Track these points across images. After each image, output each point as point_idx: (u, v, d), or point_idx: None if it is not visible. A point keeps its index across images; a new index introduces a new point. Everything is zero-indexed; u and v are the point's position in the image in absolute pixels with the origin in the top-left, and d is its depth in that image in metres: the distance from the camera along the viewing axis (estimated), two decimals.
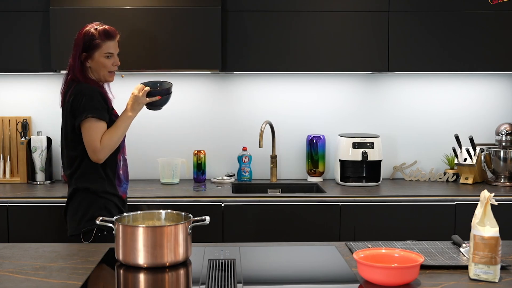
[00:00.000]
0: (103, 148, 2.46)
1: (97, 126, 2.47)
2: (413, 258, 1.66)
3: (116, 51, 2.61)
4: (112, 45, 2.58)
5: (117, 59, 2.63)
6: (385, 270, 1.58)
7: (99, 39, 2.54)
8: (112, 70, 2.61)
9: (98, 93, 2.51)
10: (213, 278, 1.65)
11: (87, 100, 2.48)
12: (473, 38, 3.33)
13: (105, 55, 2.56)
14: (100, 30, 2.56)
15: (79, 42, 2.56)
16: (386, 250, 1.73)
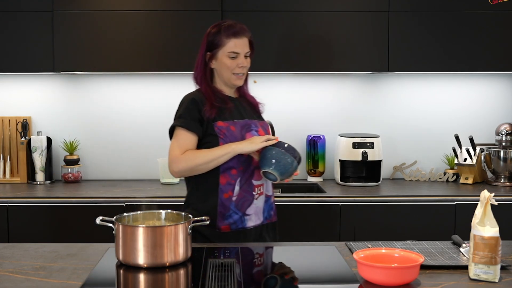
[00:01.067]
0: (179, 161, 2.15)
1: (179, 135, 2.18)
2: (413, 258, 1.66)
3: (243, 51, 2.25)
4: (239, 43, 2.24)
5: (244, 61, 2.26)
6: (385, 270, 1.58)
7: (222, 36, 2.23)
8: (238, 72, 2.25)
9: (191, 101, 2.20)
10: (213, 278, 1.65)
11: (178, 109, 2.24)
12: (473, 38, 3.32)
13: (228, 54, 2.23)
14: (225, 26, 2.24)
15: (204, 40, 2.28)
16: (386, 250, 1.73)
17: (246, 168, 2.18)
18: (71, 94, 3.63)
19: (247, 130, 2.22)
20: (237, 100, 2.31)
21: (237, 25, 2.26)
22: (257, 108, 2.38)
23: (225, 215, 2.16)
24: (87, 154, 3.65)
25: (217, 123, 2.18)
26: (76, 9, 3.25)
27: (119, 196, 3.08)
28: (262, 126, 2.30)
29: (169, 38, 3.26)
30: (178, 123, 2.18)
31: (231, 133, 2.17)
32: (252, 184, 2.18)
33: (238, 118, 2.23)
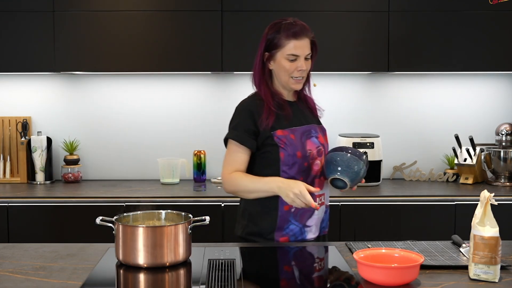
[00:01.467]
0: (226, 182, 2.08)
1: (231, 149, 2.10)
2: (413, 258, 1.66)
3: (303, 53, 2.08)
4: (299, 45, 2.07)
5: (304, 64, 2.09)
6: (385, 270, 1.57)
7: (282, 37, 2.08)
8: (297, 76, 2.10)
9: (246, 112, 2.11)
10: (213, 278, 1.65)
11: (233, 118, 2.17)
12: (473, 38, 3.32)
13: (287, 57, 2.07)
14: (285, 25, 2.08)
15: (263, 38, 2.14)
16: (386, 250, 1.73)
17: (306, 177, 2.08)
18: (71, 94, 3.63)
19: (307, 136, 2.12)
20: (295, 104, 2.19)
21: (298, 25, 2.09)
22: (316, 111, 2.26)
23: (284, 227, 2.08)
24: (87, 154, 3.65)
25: (277, 132, 2.07)
26: (77, 9, 3.25)
27: (119, 196, 3.08)
28: (321, 131, 2.20)
29: (169, 38, 3.26)
30: (231, 135, 2.10)
31: (291, 141, 2.07)
32: (313, 195, 2.05)
33: (297, 125, 2.12)
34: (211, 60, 3.27)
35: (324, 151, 2.16)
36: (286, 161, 2.06)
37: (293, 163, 2.06)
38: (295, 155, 2.06)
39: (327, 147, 2.21)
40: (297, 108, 2.18)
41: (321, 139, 2.17)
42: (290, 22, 2.09)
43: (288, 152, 2.05)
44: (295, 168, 2.06)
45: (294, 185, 1.92)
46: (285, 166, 2.06)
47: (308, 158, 2.08)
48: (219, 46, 3.26)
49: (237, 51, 3.28)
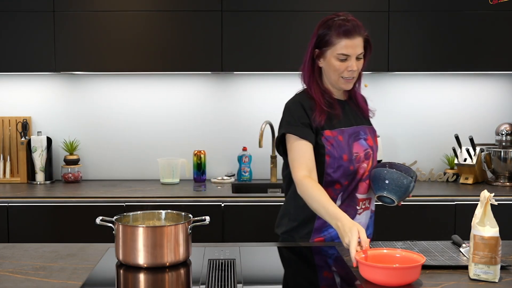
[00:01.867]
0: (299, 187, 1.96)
1: (294, 146, 2.00)
2: (414, 258, 1.66)
3: (354, 53, 1.97)
4: (350, 44, 1.96)
5: (355, 64, 1.98)
6: (386, 271, 1.57)
7: (333, 34, 1.98)
8: (347, 76, 2.00)
9: (299, 106, 2.04)
10: (213, 278, 1.65)
11: (284, 115, 2.09)
12: (473, 38, 3.32)
13: (338, 56, 1.98)
14: (336, 23, 2.00)
15: (314, 34, 2.04)
16: (387, 251, 1.73)
17: (351, 181, 2.02)
18: (71, 94, 3.63)
19: (355, 138, 2.04)
20: (345, 103, 2.11)
21: (350, 22, 1.99)
22: (366, 112, 2.17)
23: (322, 230, 2.04)
24: (87, 154, 3.65)
25: (325, 132, 2.00)
26: (77, 9, 3.25)
27: (119, 196, 3.08)
28: (371, 132, 2.12)
29: (169, 38, 3.27)
30: (290, 130, 2.00)
31: (338, 143, 2.00)
32: (356, 198, 2.02)
33: (346, 125, 2.04)
34: (211, 60, 3.27)
35: (373, 154, 2.08)
36: (331, 164, 1.99)
37: (338, 166, 1.99)
38: (341, 158, 1.99)
39: (376, 149, 2.13)
40: (347, 107, 2.10)
41: (370, 141, 2.09)
42: (342, 19, 2.00)
43: (334, 155, 1.98)
44: (340, 171, 1.99)
45: (348, 232, 1.73)
46: (329, 169, 1.99)
47: (354, 161, 2.01)
48: (219, 46, 3.26)
49: (237, 51, 3.28)
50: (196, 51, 3.27)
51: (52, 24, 3.25)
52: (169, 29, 3.27)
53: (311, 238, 2.06)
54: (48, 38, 3.25)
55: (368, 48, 2.05)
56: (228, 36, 3.27)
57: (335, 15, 2.04)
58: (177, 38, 3.27)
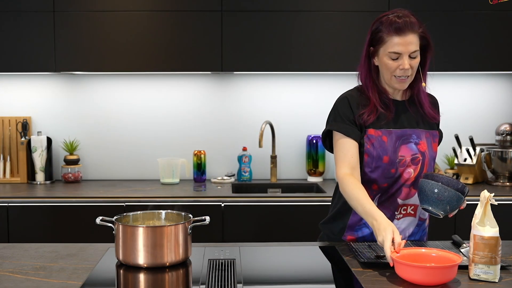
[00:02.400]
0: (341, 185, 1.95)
1: (340, 143, 1.98)
2: (451, 258, 1.66)
3: (407, 51, 1.90)
4: (401, 42, 1.89)
5: (407, 62, 1.91)
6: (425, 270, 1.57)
7: (384, 32, 1.91)
8: (400, 75, 1.94)
9: (344, 101, 2.03)
10: (213, 278, 1.65)
11: (332, 109, 2.07)
12: (473, 38, 3.32)
13: (389, 54, 1.92)
14: (388, 19, 1.91)
15: (369, 31, 1.98)
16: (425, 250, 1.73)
17: (392, 184, 1.97)
18: (71, 94, 3.63)
19: (404, 141, 1.97)
20: (403, 104, 2.04)
21: (402, 19, 1.90)
22: (430, 115, 2.05)
23: (355, 228, 2.03)
24: (87, 154, 3.65)
25: (369, 130, 1.96)
26: (77, 9, 3.25)
27: (119, 196, 3.08)
28: (428, 137, 2.02)
29: (169, 38, 3.27)
30: (335, 127, 1.99)
31: (381, 144, 1.95)
32: (396, 203, 1.98)
33: (396, 127, 1.99)
34: (211, 60, 3.27)
35: (422, 159, 1.98)
36: (369, 163, 1.96)
37: (376, 167, 1.95)
38: (380, 158, 1.94)
39: (430, 155, 2.01)
40: (403, 108, 2.03)
41: (423, 146, 1.99)
42: (394, 15, 1.91)
43: (373, 155, 1.95)
44: (378, 172, 1.95)
45: (383, 231, 1.71)
46: (367, 168, 1.96)
47: (398, 165, 1.95)
48: (219, 46, 3.26)
49: (237, 51, 3.28)
50: (196, 51, 3.27)
51: (52, 24, 3.25)
52: (169, 29, 3.27)
53: (344, 235, 2.06)
54: (48, 38, 3.25)
55: (427, 45, 1.97)
56: (228, 36, 3.27)
57: (390, 11, 1.95)
58: (177, 38, 3.27)
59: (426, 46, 1.98)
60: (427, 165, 2.00)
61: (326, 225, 2.16)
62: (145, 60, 3.28)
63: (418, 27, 1.92)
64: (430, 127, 2.05)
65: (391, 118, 1.99)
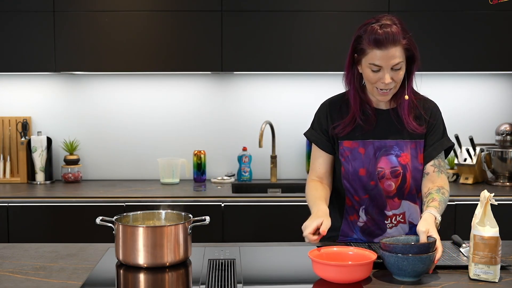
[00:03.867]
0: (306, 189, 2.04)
1: (313, 150, 2.04)
2: (366, 255, 1.67)
3: (387, 65, 1.79)
4: (382, 56, 1.78)
5: (388, 76, 1.80)
6: (337, 268, 1.59)
7: (365, 43, 1.81)
8: (381, 88, 1.84)
9: (323, 108, 1.99)
10: (213, 278, 1.65)
11: (315, 114, 2.05)
12: (473, 38, 3.32)
13: (370, 66, 1.82)
14: (370, 29, 1.79)
15: (353, 38, 1.87)
16: (337, 248, 1.74)
17: (374, 197, 1.92)
18: (71, 94, 3.63)
19: (385, 153, 1.91)
20: (387, 113, 1.94)
21: (382, 30, 1.77)
22: (408, 126, 1.92)
23: (348, 237, 2.01)
24: (87, 154, 3.65)
25: (344, 142, 1.92)
26: (77, 9, 3.25)
27: (119, 196, 3.08)
28: (413, 148, 1.92)
29: (169, 38, 3.27)
30: (309, 134, 2.05)
31: (356, 156, 1.91)
32: (384, 214, 1.95)
33: (376, 137, 1.91)
34: (211, 60, 3.27)
35: (405, 172, 1.91)
36: (345, 175, 1.94)
37: (354, 179, 1.92)
38: (356, 171, 1.91)
39: (412, 167, 1.93)
40: (387, 118, 1.94)
41: (405, 158, 1.91)
42: (378, 24, 1.79)
43: (348, 167, 1.92)
44: (356, 184, 1.93)
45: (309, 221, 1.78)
46: (344, 179, 1.95)
47: (376, 177, 1.91)
48: (219, 46, 3.26)
49: (237, 51, 3.28)
50: (196, 51, 3.27)
51: (52, 24, 3.24)
52: (169, 29, 3.27)
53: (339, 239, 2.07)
54: (48, 38, 3.25)
55: (414, 56, 1.86)
56: (228, 36, 3.27)
57: (376, 18, 1.83)
58: (177, 38, 3.27)
59: (412, 57, 1.87)
60: (409, 178, 1.93)
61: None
62: (145, 60, 3.28)
63: (402, 38, 1.80)
64: (417, 137, 1.94)
65: (371, 129, 1.92)
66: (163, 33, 3.27)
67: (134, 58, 3.27)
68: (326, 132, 1.97)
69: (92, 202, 3.06)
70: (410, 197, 1.97)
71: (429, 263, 1.60)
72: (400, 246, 1.62)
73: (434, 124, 1.97)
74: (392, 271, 1.64)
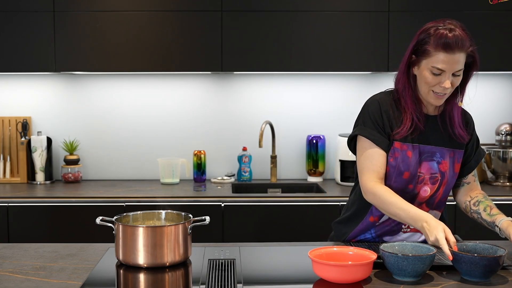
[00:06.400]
0: (369, 195, 1.90)
1: (368, 151, 1.91)
2: (366, 255, 1.67)
3: (451, 69, 1.80)
4: (448, 60, 1.78)
5: (449, 81, 1.81)
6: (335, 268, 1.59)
7: (431, 45, 1.80)
8: (438, 92, 1.84)
9: (375, 106, 1.92)
10: (213, 278, 1.65)
11: (362, 111, 1.97)
12: (473, 38, 3.31)
13: (432, 69, 1.81)
14: (438, 33, 1.80)
15: (415, 38, 1.87)
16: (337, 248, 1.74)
17: (409, 201, 1.89)
18: (71, 94, 3.63)
19: (427, 158, 1.91)
20: (434, 119, 1.95)
21: (453, 34, 1.80)
22: (458, 133, 1.93)
23: (360, 235, 2.03)
24: (87, 154, 3.65)
25: (395, 143, 1.89)
26: (77, 9, 3.25)
27: (119, 196, 3.08)
28: (451, 157, 1.93)
29: (169, 39, 3.26)
30: (364, 133, 1.91)
31: (404, 158, 1.89)
32: None
33: (422, 142, 1.91)
34: (211, 60, 3.27)
35: (442, 179, 1.92)
36: (390, 176, 1.91)
37: (396, 181, 1.90)
38: (401, 173, 1.90)
39: (449, 175, 1.94)
40: (434, 124, 1.94)
41: (444, 166, 1.92)
42: (446, 28, 1.81)
43: (394, 168, 1.89)
44: (397, 186, 1.90)
45: (434, 231, 1.73)
46: (388, 180, 1.92)
47: (415, 181, 1.91)
48: (219, 46, 3.26)
49: (237, 51, 3.28)
50: (196, 51, 3.27)
51: (52, 24, 3.25)
52: (169, 29, 3.27)
53: (347, 237, 2.07)
54: (48, 38, 3.25)
55: (473, 63, 1.90)
56: (228, 36, 3.27)
57: (442, 21, 1.84)
58: (177, 38, 3.27)
59: (471, 64, 1.90)
60: (444, 185, 1.95)
61: (336, 224, 2.16)
62: (145, 60, 3.28)
63: (470, 45, 1.85)
64: (457, 146, 1.95)
65: (419, 133, 1.91)
66: (163, 33, 3.27)
67: (134, 58, 3.27)
68: (383, 130, 1.91)
69: (92, 202, 3.06)
70: (438, 205, 1.99)
71: (429, 263, 1.60)
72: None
73: (473, 135, 2.02)
74: (392, 271, 1.64)
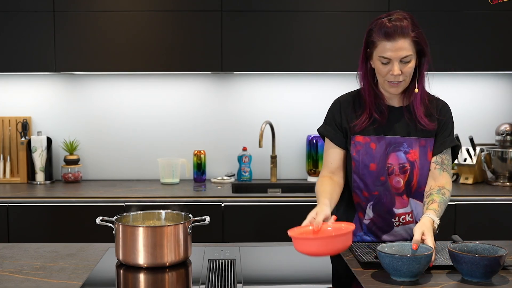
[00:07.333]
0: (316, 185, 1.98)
1: (326, 146, 2.02)
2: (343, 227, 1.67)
3: (396, 57, 1.84)
4: (391, 47, 1.83)
5: (398, 68, 1.85)
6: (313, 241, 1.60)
7: (375, 36, 1.86)
8: (391, 80, 1.88)
9: (335, 104, 2.03)
10: (213, 278, 1.65)
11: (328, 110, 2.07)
12: (473, 38, 3.32)
13: (379, 58, 1.87)
14: (379, 23, 1.85)
15: (365, 33, 1.93)
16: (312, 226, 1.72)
17: (383, 192, 1.94)
18: (71, 94, 3.63)
19: (394, 149, 1.93)
20: (399, 110, 1.98)
21: (391, 23, 1.83)
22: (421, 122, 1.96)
23: (356, 235, 2.01)
24: (87, 154, 3.65)
25: (356, 137, 1.95)
26: (77, 9, 3.25)
27: (119, 196, 3.08)
28: (423, 145, 1.95)
29: (169, 39, 3.27)
30: (323, 130, 2.03)
31: (368, 151, 1.93)
32: (393, 212, 1.96)
33: (387, 133, 1.94)
34: (211, 60, 3.27)
35: (412, 169, 1.93)
36: (356, 170, 1.96)
37: (364, 174, 1.94)
38: (367, 166, 1.94)
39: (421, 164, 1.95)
40: (399, 115, 1.97)
41: (413, 155, 1.94)
42: (387, 18, 1.85)
43: (359, 162, 1.94)
44: (367, 179, 1.95)
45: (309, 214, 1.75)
46: (355, 174, 1.96)
47: (386, 173, 1.93)
48: (219, 46, 3.26)
49: (237, 51, 3.28)
50: (196, 51, 3.27)
51: (52, 24, 3.25)
52: (169, 29, 3.27)
53: None
54: (48, 38, 3.25)
55: (423, 50, 1.93)
56: (228, 36, 3.27)
57: (388, 13, 1.89)
58: (177, 38, 3.27)
59: (422, 51, 1.93)
60: (417, 175, 1.95)
61: None
62: (145, 60, 3.28)
63: (411, 31, 1.86)
64: (428, 135, 1.97)
65: (383, 125, 1.95)
66: (163, 33, 3.27)
67: (134, 58, 3.27)
68: (340, 126, 1.99)
69: (92, 202, 3.06)
70: (417, 195, 1.98)
71: (424, 263, 1.60)
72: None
73: (444, 122, 2.04)
74: (388, 271, 1.63)
